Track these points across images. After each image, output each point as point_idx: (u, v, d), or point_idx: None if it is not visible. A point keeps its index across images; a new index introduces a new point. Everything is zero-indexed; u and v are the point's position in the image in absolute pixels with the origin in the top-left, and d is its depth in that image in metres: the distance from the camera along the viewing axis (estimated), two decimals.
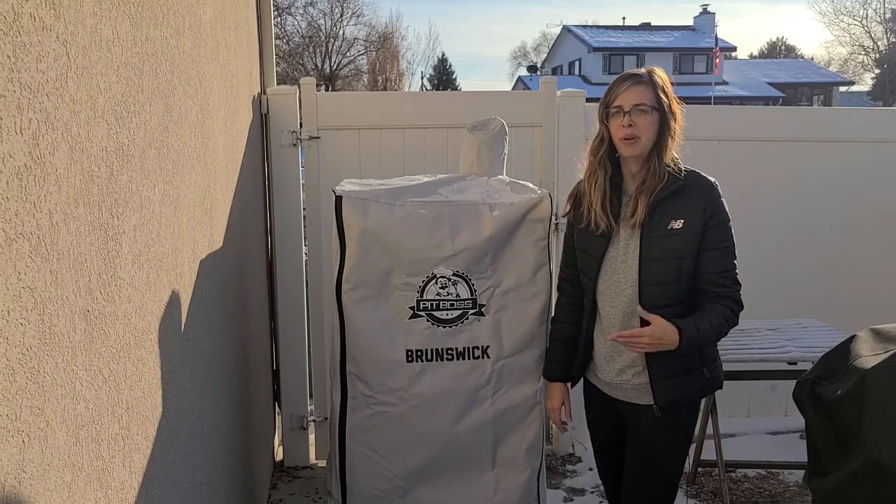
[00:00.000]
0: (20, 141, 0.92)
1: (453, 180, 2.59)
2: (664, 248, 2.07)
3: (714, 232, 2.07)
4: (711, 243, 2.08)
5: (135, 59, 1.41)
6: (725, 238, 2.10)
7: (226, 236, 2.39)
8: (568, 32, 39.25)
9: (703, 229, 2.07)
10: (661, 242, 2.08)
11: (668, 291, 2.08)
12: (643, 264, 2.09)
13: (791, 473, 3.57)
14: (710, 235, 2.07)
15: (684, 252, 2.07)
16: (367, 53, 35.63)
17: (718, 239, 2.08)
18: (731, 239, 2.12)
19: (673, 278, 2.08)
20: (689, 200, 2.08)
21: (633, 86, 2.09)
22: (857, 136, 4.01)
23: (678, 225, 2.07)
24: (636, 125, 2.07)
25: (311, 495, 3.42)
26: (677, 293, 2.09)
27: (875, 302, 3.98)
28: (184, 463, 1.74)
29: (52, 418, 1.01)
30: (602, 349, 2.24)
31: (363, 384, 2.49)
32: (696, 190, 2.10)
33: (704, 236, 2.07)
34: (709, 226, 2.07)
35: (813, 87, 37.98)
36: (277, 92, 3.59)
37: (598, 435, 2.43)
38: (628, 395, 2.21)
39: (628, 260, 2.13)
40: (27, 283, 0.94)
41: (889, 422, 1.68)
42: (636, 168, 2.14)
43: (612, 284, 2.17)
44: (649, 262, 2.09)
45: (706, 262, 2.08)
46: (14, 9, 0.91)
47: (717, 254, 2.08)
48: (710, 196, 2.09)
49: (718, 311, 2.07)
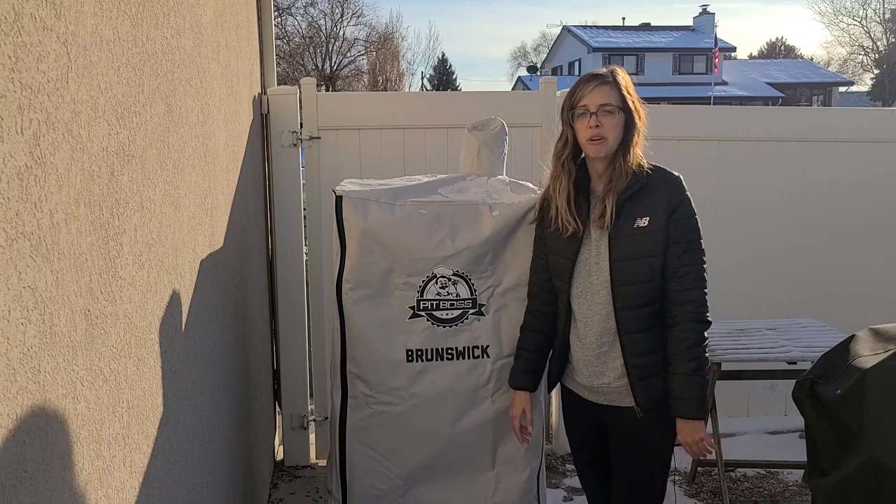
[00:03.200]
0: (21, 141, 0.92)
1: (453, 180, 2.59)
2: (633, 248, 2.06)
3: (677, 226, 2.05)
4: (674, 237, 2.05)
5: (135, 60, 1.41)
6: (689, 232, 2.07)
7: (226, 236, 2.39)
8: (568, 33, 39.25)
9: (667, 225, 2.05)
10: (629, 242, 2.06)
11: (642, 291, 2.06)
12: (614, 265, 2.08)
13: (790, 473, 3.57)
14: (674, 230, 2.05)
15: (653, 250, 2.05)
16: (367, 54, 35.62)
17: (681, 233, 2.05)
18: (696, 234, 2.08)
19: (645, 277, 2.06)
20: (653, 197, 2.07)
21: (598, 86, 2.08)
22: (856, 136, 4.01)
23: (644, 223, 2.05)
24: (602, 125, 2.06)
25: (311, 495, 3.42)
26: (651, 292, 2.06)
27: (875, 302, 3.98)
28: (184, 462, 1.74)
29: (53, 418, 1.01)
30: (580, 354, 2.20)
31: (363, 384, 2.49)
32: (659, 186, 2.08)
33: (669, 231, 2.05)
34: (672, 220, 2.05)
35: (812, 88, 37.98)
36: (278, 92, 3.59)
37: (578, 441, 2.39)
38: (610, 399, 2.18)
39: (600, 261, 2.11)
40: (28, 283, 0.94)
41: (889, 421, 1.68)
42: (602, 168, 2.12)
43: (586, 287, 2.15)
44: (620, 262, 2.07)
45: (669, 256, 2.05)
46: (15, 9, 0.91)
47: (679, 247, 2.05)
48: (674, 191, 2.08)
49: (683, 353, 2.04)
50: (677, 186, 2.10)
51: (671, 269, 2.05)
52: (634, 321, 2.07)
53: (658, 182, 2.09)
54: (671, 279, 2.05)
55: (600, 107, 2.06)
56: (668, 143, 3.85)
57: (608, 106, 2.06)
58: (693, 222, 2.08)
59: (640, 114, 2.11)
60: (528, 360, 2.36)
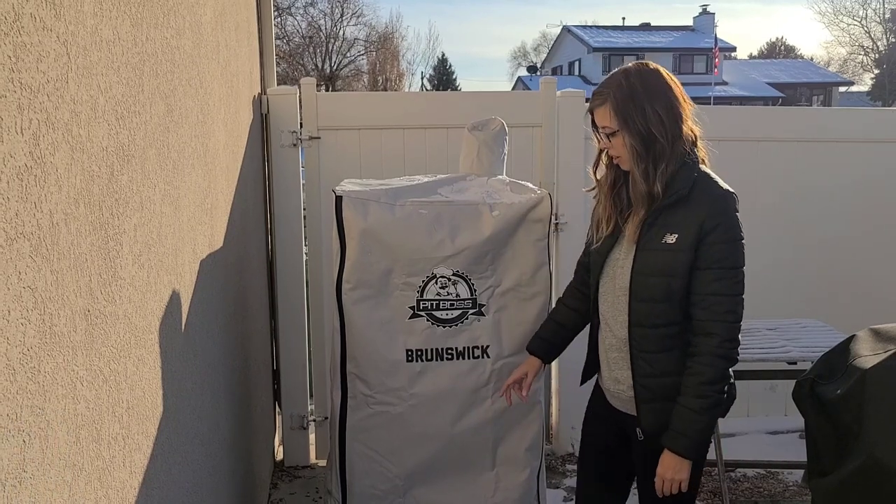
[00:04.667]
0: (21, 141, 0.92)
1: (453, 180, 2.59)
2: (655, 264, 1.89)
3: (710, 249, 1.84)
4: (705, 261, 1.85)
5: (135, 60, 1.41)
6: (724, 258, 1.85)
7: (226, 236, 2.39)
8: (568, 33, 39.26)
9: (697, 245, 1.85)
10: (653, 256, 1.89)
11: (657, 310, 1.90)
12: (634, 276, 1.93)
13: (790, 473, 3.57)
14: (705, 252, 1.84)
15: (674, 269, 1.86)
16: (367, 54, 35.64)
17: (714, 258, 1.84)
18: (732, 260, 1.86)
19: (661, 296, 1.89)
20: (689, 212, 1.86)
21: (595, 108, 1.95)
22: (856, 136, 4.01)
23: (672, 239, 1.86)
24: (612, 146, 1.93)
25: (311, 495, 3.42)
26: (668, 312, 1.90)
27: (875, 302, 3.98)
28: (184, 462, 1.74)
29: (53, 418, 1.01)
30: (602, 353, 2.11)
31: (363, 384, 2.49)
32: (699, 201, 1.86)
33: (699, 252, 1.85)
34: (706, 242, 1.84)
35: (812, 88, 37.99)
36: (278, 92, 3.59)
37: (590, 439, 2.25)
38: (626, 406, 2.07)
39: (625, 268, 1.97)
40: (28, 283, 0.94)
41: (889, 421, 1.68)
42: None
43: (609, 290, 2.03)
44: (640, 275, 1.91)
45: (696, 282, 1.86)
46: (15, 9, 0.91)
47: (710, 274, 1.85)
48: (714, 209, 1.85)
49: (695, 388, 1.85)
50: (719, 204, 1.86)
51: (698, 296, 1.86)
52: (646, 340, 1.93)
53: (699, 196, 1.87)
54: (697, 306, 1.87)
55: (602, 129, 1.94)
56: None
57: (605, 129, 1.92)
58: (731, 248, 1.85)
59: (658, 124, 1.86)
60: (550, 330, 2.28)
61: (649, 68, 1.95)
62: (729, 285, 1.87)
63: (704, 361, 1.86)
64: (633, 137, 1.88)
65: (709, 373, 1.85)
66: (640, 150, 1.87)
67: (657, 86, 1.90)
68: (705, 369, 1.86)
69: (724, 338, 1.86)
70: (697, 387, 1.86)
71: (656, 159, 1.87)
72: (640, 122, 1.86)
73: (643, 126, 1.86)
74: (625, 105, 1.88)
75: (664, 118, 1.87)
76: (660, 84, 1.90)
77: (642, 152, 1.87)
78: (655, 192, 1.88)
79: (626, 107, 1.88)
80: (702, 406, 1.86)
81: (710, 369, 1.85)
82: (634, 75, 1.91)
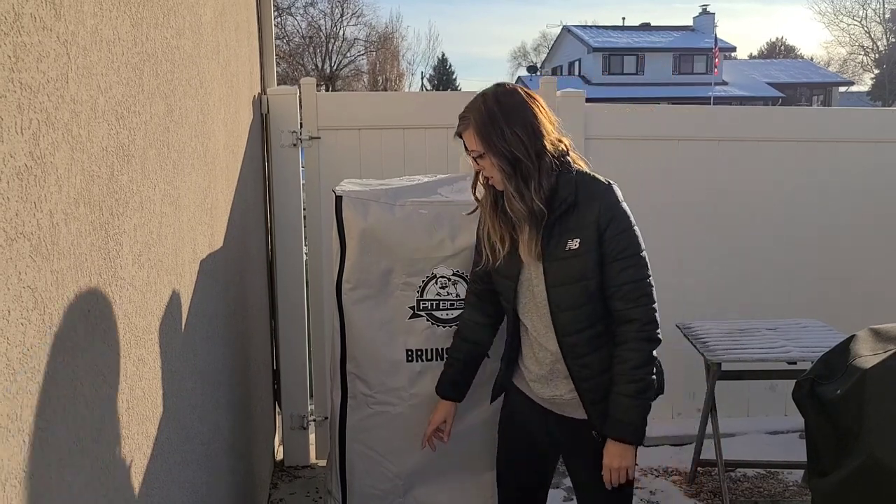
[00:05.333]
0: (21, 141, 0.92)
1: (453, 180, 2.59)
2: (567, 272, 1.92)
3: (612, 242, 1.90)
4: (611, 254, 1.90)
5: (135, 60, 1.41)
6: (627, 247, 1.90)
7: (226, 236, 2.39)
8: (568, 33, 39.25)
9: (600, 241, 1.90)
10: (562, 266, 1.92)
11: (581, 316, 1.94)
12: (550, 290, 1.95)
13: (790, 473, 3.57)
14: (609, 247, 1.90)
15: (586, 272, 1.90)
16: (367, 54, 35.65)
17: (618, 249, 1.90)
18: (634, 247, 1.92)
19: (581, 301, 1.92)
20: (582, 215, 1.90)
21: (461, 132, 1.98)
22: (856, 136, 4.01)
23: (575, 245, 1.90)
24: (483, 168, 1.96)
25: (311, 495, 3.42)
26: (590, 315, 1.94)
27: (875, 302, 3.98)
28: (184, 462, 1.74)
29: (53, 418, 1.01)
30: (533, 365, 2.09)
31: (363, 384, 2.49)
32: (588, 201, 1.91)
33: (603, 248, 1.90)
34: (605, 237, 1.89)
35: (812, 88, 37.99)
36: (278, 92, 3.59)
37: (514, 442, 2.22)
38: (565, 410, 2.08)
39: (539, 284, 1.98)
40: (28, 283, 0.94)
41: (889, 421, 1.68)
42: None
43: (530, 308, 2.03)
44: (556, 287, 1.94)
45: (608, 275, 1.91)
46: (14, 9, 0.91)
47: (618, 265, 1.90)
48: (603, 205, 1.90)
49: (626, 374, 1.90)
50: (606, 198, 1.92)
51: (612, 288, 1.91)
52: (579, 346, 1.96)
53: (587, 197, 1.91)
54: (614, 298, 1.92)
55: (471, 152, 1.96)
56: (669, 143, 3.85)
57: (473, 152, 1.95)
58: (629, 235, 1.91)
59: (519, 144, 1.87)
60: (458, 370, 2.28)
61: (507, 89, 1.97)
62: (637, 271, 1.92)
63: (630, 347, 1.92)
64: (498, 159, 1.90)
65: (635, 357, 1.91)
66: (509, 171, 1.90)
67: (514, 106, 1.92)
68: (632, 354, 1.91)
69: (644, 321, 1.92)
70: (627, 373, 1.92)
71: (525, 178, 1.90)
72: (502, 145, 1.89)
73: (505, 148, 1.89)
74: (485, 128, 1.91)
75: (523, 138, 1.89)
76: (517, 104, 1.92)
77: (511, 172, 1.90)
78: (535, 208, 1.90)
79: (486, 130, 1.91)
80: (635, 390, 1.91)
81: (637, 353, 1.91)
82: (491, 98, 1.94)
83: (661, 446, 3.85)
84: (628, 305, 1.92)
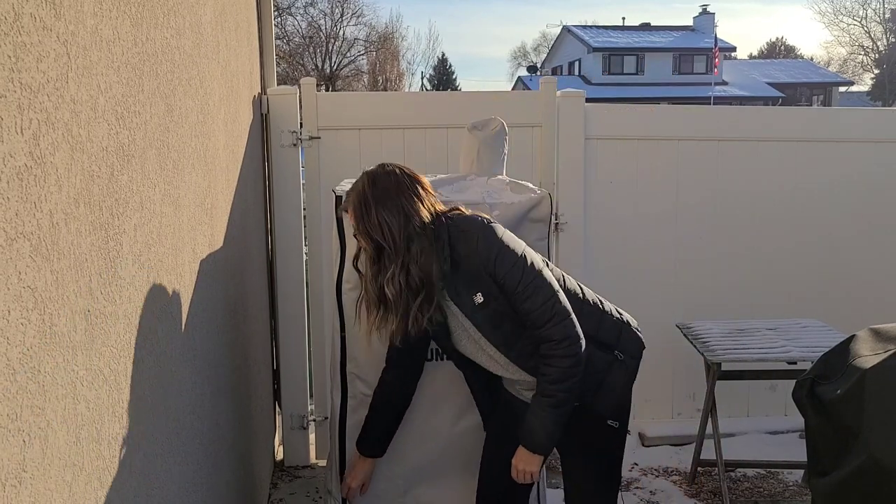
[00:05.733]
0: (21, 141, 0.92)
1: (453, 180, 2.59)
2: (487, 318, 1.99)
3: (505, 281, 1.94)
4: (509, 290, 1.95)
5: (135, 60, 1.41)
6: (519, 280, 1.93)
7: (226, 236, 2.39)
8: (568, 33, 39.25)
9: (497, 285, 1.94)
10: (480, 315, 2.00)
11: (515, 334, 2.01)
12: (483, 332, 2.03)
13: (791, 473, 3.57)
14: (504, 284, 1.94)
15: (502, 313, 1.98)
16: (367, 54, 35.65)
17: (512, 284, 1.93)
18: (525, 275, 1.94)
19: (517, 332, 2.01)
20: (469, 269, 1.95)
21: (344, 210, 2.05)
22: (856, 136, 4.01)
23: (480, 298, 1.96)
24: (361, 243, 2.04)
25: (311, 495, 3.42)
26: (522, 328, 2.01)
27: (875, 302, 3.98)
28: (184, 462, 1.74)
29: (53, 418, 1.01)
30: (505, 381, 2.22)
31: (363, 384, 2.49)
32: (468, 255, 1.94)
33: (501, 288, 1.95)
34: (499, 279, 1.94)
35: (812, 88, 37.99)
36: (278, 92, 3.59)
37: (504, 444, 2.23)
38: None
39: (469, 328, 2.05)
40: (28, 283, 0.94)
41: (889, 421, 1.68)
42: None
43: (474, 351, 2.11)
44: (487, 329, 2.02)
45: (514, 306, 1.97)
46: (14, 9, 0.91)
47: (518, 297, 1.94)
48: (483, 251, 1.93)
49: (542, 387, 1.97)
50: (482, 243, 1.93)
51: (522, 316, 1.97)
52: (525, 351, 2.04)
53: (465, 250, 1.94)
54: (526, 324, 1.98)
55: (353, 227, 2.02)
56: (669, 143, 3.85)
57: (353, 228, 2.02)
58: (518, 266, 1.94)
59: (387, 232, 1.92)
60: (382, 426, 2.34)
61: (384, 171, 2.00)
62: (537, 297, 1.94)
63: (548, 363, 1.97)
64: (365, 241, 1.98)
65: (552, 373, 1.96)
66: (373, 255, 1.98)
67: (386, 190, 1.94)
68: (549, 370, 1.96)
69: (558, 339, 1.94)
70: (543, 387, 1.98)
71: (385, 265, 1.96)
72: (369, 229, 1.94)
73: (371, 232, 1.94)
74: (357, 210, 1.96)
75: (392, 223, 1.92)
76: (390, 187, 1.95)
77: (375, 256, 1.98)
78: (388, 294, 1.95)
79: (358, 212, 1.96)
80: (548, 404, 1.97)
81: (554, 369, 1.96)
82: (368, 181, 1.98)
83: (661, 446, 3.85)
84: (540, 328, 1.96)
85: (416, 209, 1.93)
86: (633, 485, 3.50)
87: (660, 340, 3.77)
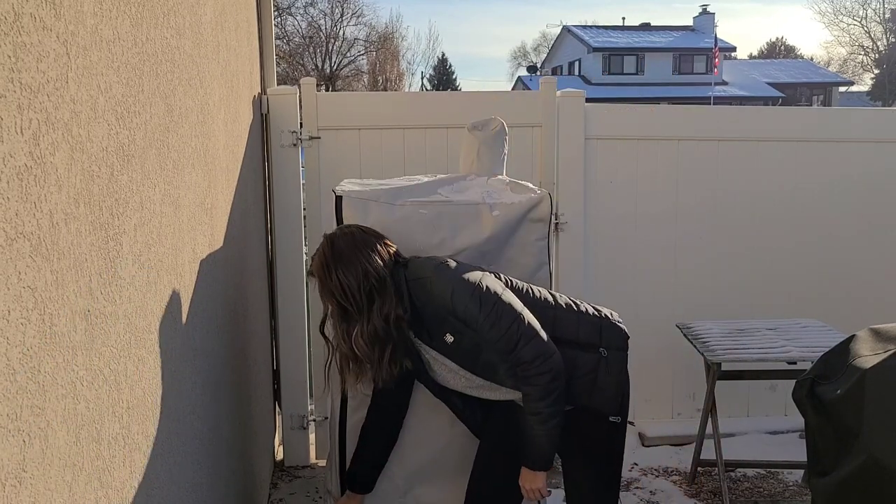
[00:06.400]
0: (21, 141, 0.92)
1: (453, 180, 2.59)
2: (466, 354, 2.06)
3: (468, 316, 1.98)
4: (474, 325, 1.99)
5: (135, 60, 1.41)
6: (480, 313, 1.97)
7: (226, 236, 2.39)
8: (568, 33, 39.24)
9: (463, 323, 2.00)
10: (457, 353, 2.06)
11: (503, 367, 2.06)
12: (468, 368, 2.09)
13: (791, 473, 3.57)
14: (467, 320, 1.99)
15: (475, 349, 2.04)
16: (367, 54, 35.64)
17: (473, 316, 1.98)
18: (487, 303, 1.98)
19: (495, 363, 2.06)
20: (434, 312, 2.02)
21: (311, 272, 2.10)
22: (856, 136, 4.01)
23: (450, 338, 2.03)
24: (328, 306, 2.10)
25: (311, 495, 3.42)
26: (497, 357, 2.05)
27: (875, 302, 3.98)
28: (184, 462, 1.74)
29: (53, 418, 1.01)
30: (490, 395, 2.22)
31: (363, 384, 2.49)
32: (428, 301, 2.01)
33: (466, 324, 2.00)
34: (461, 316, 1.99)
35: (812, 88, 37.97)
36: (278, 92, 3.59)
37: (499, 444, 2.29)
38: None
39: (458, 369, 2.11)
40: (28, 283, 0.94)
41: (889, 421, 1.68)
42: None
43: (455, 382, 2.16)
44: (470, 366, 2.09)
45: (483, 337, 2.01)
46: (14, 9, 0.91)
47: (482, 328, 1.99)
48: (440, 294, 1.99)
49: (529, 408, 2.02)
50: (438, 286, 2.00)
51: (490, 345, 2.02)
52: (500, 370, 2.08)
53: (423, 296, 2.01)
54: (497, 351, 2.02)
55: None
56: (669, 143, 3.85)
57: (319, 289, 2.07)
58: (474, 298, 1.98)
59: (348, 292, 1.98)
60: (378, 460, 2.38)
61: (342, 233, 2.07)
62: (500, 324, 1.98)
63: (528, 383, 2.01)
64: (329, 302, 2.05)
65: (535, 392, 2.00)
66: (338, 314, 2.05)
67: (343, 251, 2.01)
68: (531, 390, 2.01)
69: (530, 359, 1.98)
70: (529, 406, 2.02)
71: (350, 323, 2.03)
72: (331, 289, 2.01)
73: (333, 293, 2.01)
74: (319, 272, 2.03)
75: (352, 282, 1.98)
76: (348, 247, 2.02)
77: (340, 315, 2.04)
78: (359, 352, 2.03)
79: (321, 274, 2.03)
80: (537, 421, 2.02)
81: (534, 388, 2.00)
82: (328, 243, 2.05)
83: (661, 446, 3.85)
84: (511, 352, 2.00)
85: (374, 265, 2.00)
86: (633, 485, 3.50)
87: (660, 340, 3.78)
